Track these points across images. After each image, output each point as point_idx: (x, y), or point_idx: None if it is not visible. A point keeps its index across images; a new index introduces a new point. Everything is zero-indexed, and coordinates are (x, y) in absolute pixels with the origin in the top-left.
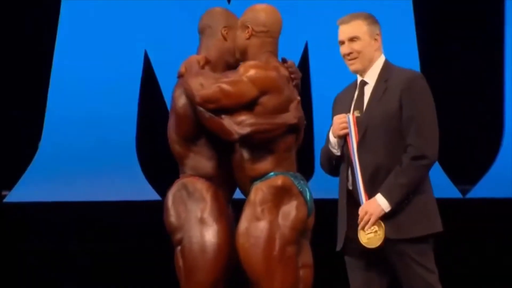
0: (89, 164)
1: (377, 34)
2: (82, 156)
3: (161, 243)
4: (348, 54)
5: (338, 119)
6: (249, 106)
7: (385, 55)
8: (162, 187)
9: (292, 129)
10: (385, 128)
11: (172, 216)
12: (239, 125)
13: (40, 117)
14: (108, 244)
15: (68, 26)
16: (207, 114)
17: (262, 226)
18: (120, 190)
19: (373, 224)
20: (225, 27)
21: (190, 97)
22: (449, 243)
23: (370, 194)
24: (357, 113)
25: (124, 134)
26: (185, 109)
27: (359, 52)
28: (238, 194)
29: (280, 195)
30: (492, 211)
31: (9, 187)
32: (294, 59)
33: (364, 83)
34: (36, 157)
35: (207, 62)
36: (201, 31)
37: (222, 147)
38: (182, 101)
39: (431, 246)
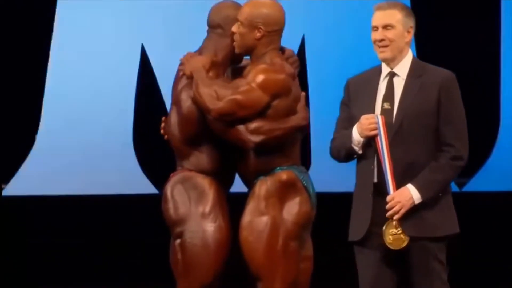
0: (86, 157)
1: (411, 27)
2: (79, 149)
3: (158, 236)
4: (380, 41)
5: (367, 119)
6: (261, 111)
7: None
8: (159, 180)
9: (302, 129)
10: (421, 124)
11: (172, 209)
12: (253, 133)
13: (37, 110)
14: (105, 238)
15: (65, 19)
16: (221, 125)
17: (266, 220)
18: (117, 184)
19: (402, 215)
20: None
21: (203, 110)
22: None
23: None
24: (387, 105)
25: (121, 128)
26: (191, 112)
27: (391, 41)
28: (237, 188)
29: (285, 190)
30: (488, 204)
31: (6, 180)
32: None
33: (393, 75)
34: (33, 150)
35: (213, 64)
36: (211, 27)
37: (224, 144)
38: (188, 104)
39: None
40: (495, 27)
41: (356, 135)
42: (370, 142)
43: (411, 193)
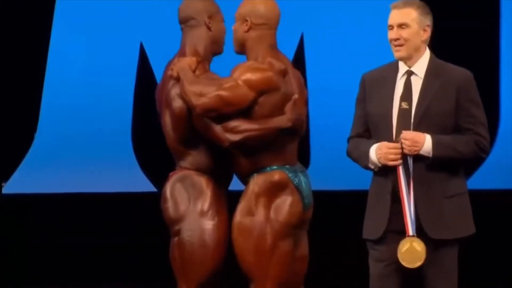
0: (85, 155)
1: (427, 25)
2: (77, 147)
3: (158, 235)
4: (395, 40)
5: (388, 148)
6: (247, 108)
7: (383, 49)
8: (157, 178)
9: (287, 131)
10: (439, 124)
11: (171, 208)
12: (230, 132)
13: (36, 108)
14: (103, 236)
15: (64, 17)
16: (202, 122)
17: (255, 220)
18: (116, 182)
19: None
20: (209, 16)
21: (189, 107)
22: None
23: (423, 193)
24: (405, 105)
25: (119, 126)
26: (181, 110)
27: (406, 40)
28: (236, 186)
29: (275, 190)
30: (487, 202)
31: (5, 178)
32: (290, 50)
33: (411, 73)
34: (32, 149)
35: (199, 63)
36: (183, 22)
37: None
38: (178, 103)
39: None
40: (495, 27)
41: (374, 158)
42: None
43: (426, 142)
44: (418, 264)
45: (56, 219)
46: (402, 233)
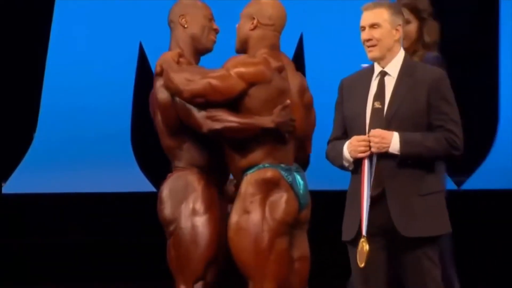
0: (84, 155)
1: (399, 25)
2: (77, 147)
3: (157, 234)
4: (368, 41)
5: (358, 141)
6: (237, 99)
7: None
8: (157, 178)
9: (271, 131)
10: (411, 123)
11: (166, 209)
12: (210, 119)
13: (36, 108)
14: (103, 235)
15: (63, 16)
16: (182, 105)
17: (251, 219)
18: (116, 182)
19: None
20: (180, 15)
21: (176, 93)
22: None
23: (391, 187)
24: (377, 104)
25: (119, 125)
26: (168, 101)
27: (378, 40)
28: None
29: (269, 188)
30: (487, 202)
31: (4, 178)
32: (289, 50)
33: (384, 74)
34: (31, 149)
35: (181, 56)
36: (169, 26)
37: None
38: (163, 94)
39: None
40: (495, 27)
41: (347, 154)
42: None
43: (393, 140)
44: (362, 265)
45: (55, 219)
46: (374, 235)
